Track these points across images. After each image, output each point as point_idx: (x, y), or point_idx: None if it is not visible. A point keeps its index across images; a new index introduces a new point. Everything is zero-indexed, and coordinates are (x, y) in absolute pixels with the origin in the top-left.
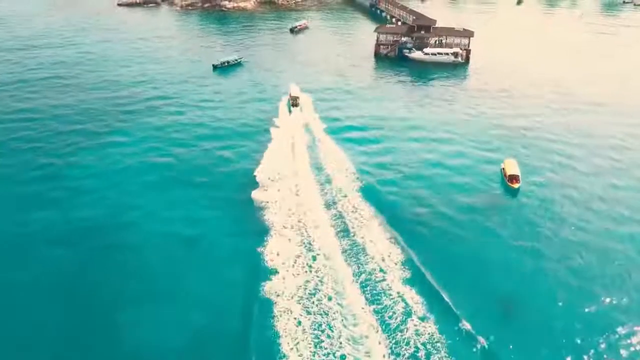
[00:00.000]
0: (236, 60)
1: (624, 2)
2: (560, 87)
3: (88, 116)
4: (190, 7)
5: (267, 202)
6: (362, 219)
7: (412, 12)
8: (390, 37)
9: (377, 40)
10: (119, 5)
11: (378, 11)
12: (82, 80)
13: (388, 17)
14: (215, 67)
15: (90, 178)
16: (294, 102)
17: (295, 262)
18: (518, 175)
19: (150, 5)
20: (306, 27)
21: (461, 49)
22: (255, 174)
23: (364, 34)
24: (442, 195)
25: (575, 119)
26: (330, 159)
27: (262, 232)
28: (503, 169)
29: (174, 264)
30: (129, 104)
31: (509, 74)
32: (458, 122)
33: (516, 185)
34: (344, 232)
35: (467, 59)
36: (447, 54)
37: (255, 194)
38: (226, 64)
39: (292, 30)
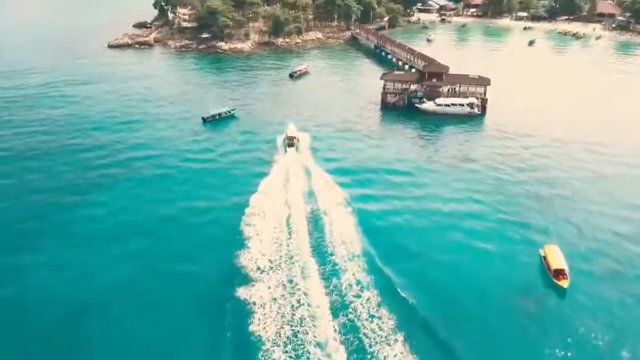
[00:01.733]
0: (228, 112)
1: None
2: (593, 142)
3: (59, 180)
4: (184, 49)
5: (255, 304)
6: (381, 331)
7: (421, 56)
8: (398, 85)
9: (384, 88)
10: (110, 47)
11: (383, 53)
12: (58, 134)
13: (394, 60)
14: (205, 120)
15: (44, 269)
16: (290, 142)
17: None
18: (565, 270)
19: (143, 46)
20: (307, 72)
21: (477, 98)
22: (241, 262)
23: (369, 80)
24: (469, 292)
25: (618, 183)
26: (336, 239)
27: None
28: (544, 257)
29: None
30: (109, 162)
31: (532, 127)
32: (479, 187)
33: (565, 284)
34: (359, 352)
35: (484, 109)
36: (461, 104)
37: (241, 292)
38: (217, 116)
39: (291, 76)
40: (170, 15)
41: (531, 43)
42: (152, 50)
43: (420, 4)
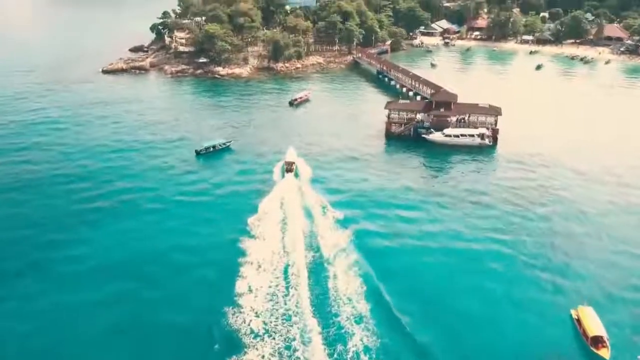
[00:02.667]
0: (223, 144)
1: None
2: (615, 172)
3: (42, 215)
4: (180, 74)
5: None
6: None
7: (426, 82)
8: (403, 114)
9: (389, 117)
10: (104, 72)
11: (386, 79)
12: (44, 164)
13: (398, 86)
14: (198, 153)
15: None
16: (288, 168)
17: None
18: (604, 337)
19: (138, 71)
20: (307, 99)
21: (487, 128)
22: (233, 324)
23: (372, 107)
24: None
25: None
26: (341, 295)
27: None
28: (577, 320)
29: None
30: (95, 195)
31: (548, 158)
32: (497, 225)
33: (605, 354)
34: None
35: (495, 139)
36: (472, 135)
37: None
38: (211, 149)
39: (291, 103)
40: (167, 40)
41: (539, 67)
42: (148, 76)
43: (423, 27)
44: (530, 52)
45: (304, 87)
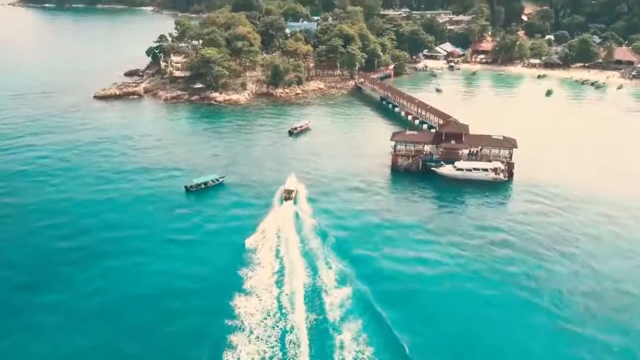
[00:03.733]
0: (216, 180)
1: None
2: None
3: (12, 264)
4: (175, 100)
5: None
6: None
7: (434, 111)
8: (411, 146)
9: (395, 149)
10: (96, 97)
11: (390, 106)
12: (18, 203)
13: (403, 114)
14: (188, 189)
15: None
16: (287, 196)
17: None
18: None
19: (131, 97)
20: (307, 128)
21: (502, 161)
22: None
23: (376, 137)
24: None
25: None
26: None
27: None
28: None
29: None
30: (73, 239)
31: (571, 196)
32: (522, 282)
33: None
34: None
35: (511, 174)
36: (485, 169)
37: None
38: (202, 186)
39: (291, 133)
40: (163, 64)
41: (549, 93)
42: (141, 102)
43: (426, 50)
44: (538, 76)
45: (304, 113)
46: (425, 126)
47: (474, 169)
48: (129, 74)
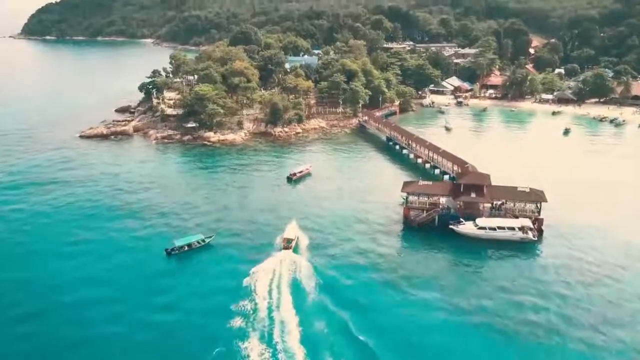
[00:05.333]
0: (202, 241)
1: None
2: None
3: None
4: (166, 140)
5: None
6: None
7: (447, 155)
8: (424, 198)
9: (407, 201)
10: (81, 137)
11: (397, 147)
12: None
13: (412, 156)
14: (169, 253)
15: None
16: (285, 246)
17: None
18: None
19: (120, 137)
20: (308, 173)
21: (530, 217)
22: None
23: (384, 183)
24: None
25: None
26: None
27: None
28: None
29: None
30: (37, 313)
31: (614, 261)
32: None
33: None
34: None
35: (540, 232)
36: (512, 228)
37: None
38: (186, 248)
39: (289, 179)
40: (155, 101)
41: (567, 132)
42: (130, 142)
43: (432, 85)
44: (553, 113)
45: (304, 155)
46: (437, 170)
47: (499, 227)
48: (121, 110)
